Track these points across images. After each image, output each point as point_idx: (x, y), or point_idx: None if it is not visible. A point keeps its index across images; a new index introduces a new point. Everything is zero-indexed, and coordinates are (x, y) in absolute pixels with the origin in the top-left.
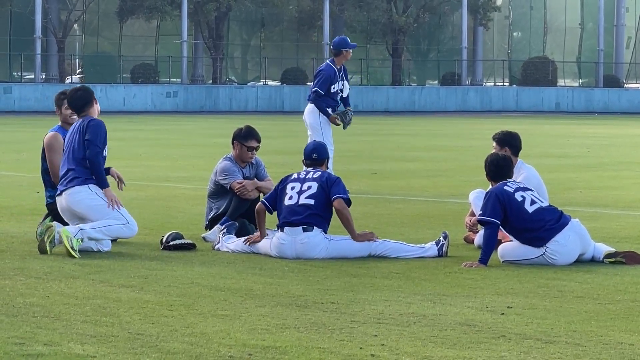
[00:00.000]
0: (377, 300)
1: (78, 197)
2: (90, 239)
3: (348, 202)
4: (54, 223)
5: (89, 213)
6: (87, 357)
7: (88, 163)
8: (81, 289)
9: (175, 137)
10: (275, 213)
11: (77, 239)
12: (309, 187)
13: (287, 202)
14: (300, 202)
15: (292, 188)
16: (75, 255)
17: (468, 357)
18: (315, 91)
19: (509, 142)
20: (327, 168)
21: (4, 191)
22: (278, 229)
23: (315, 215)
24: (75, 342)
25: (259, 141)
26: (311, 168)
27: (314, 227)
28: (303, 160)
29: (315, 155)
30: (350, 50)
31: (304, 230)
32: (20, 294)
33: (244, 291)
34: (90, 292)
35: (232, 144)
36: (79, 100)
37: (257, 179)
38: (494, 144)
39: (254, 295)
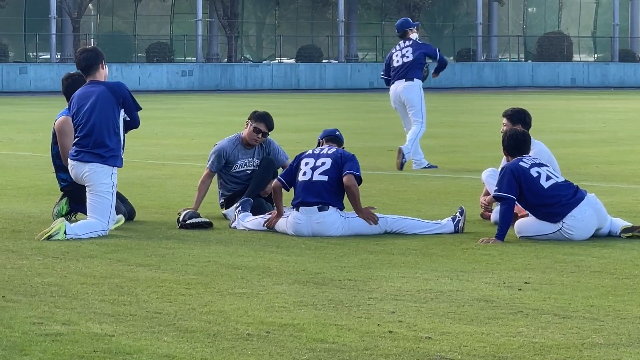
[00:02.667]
0: (395, 277)
1: (100, 178)
2: (73, 236)
3: (359, 180)
4: (64, 223)
5: (94, 197)
6: (105, 336)
7: (126, 131)
8: (98, 268)
9: (191, 116)
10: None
11: (61, 237)
12: (323, 163)
13: (301, 177)
14: (314, 179)
15: (306, 164)
16: (43, 238)
17: (486, 332)
18: (436, 52)
19: (522, 118)
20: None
21: (20, 171)
22: (293, 208)
23: (330, 192)
24: (93, 322)
25: (269, 129)
26: (327, 145)
27: (329, 206)
28: (319, 140)
29: (338, 132)
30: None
31: (320, 209)
32: (38, 273)
33: (261, 269)
34: (108, 272)
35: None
36: (84, 62)
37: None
38: (505, 120)
39: (272, 273)
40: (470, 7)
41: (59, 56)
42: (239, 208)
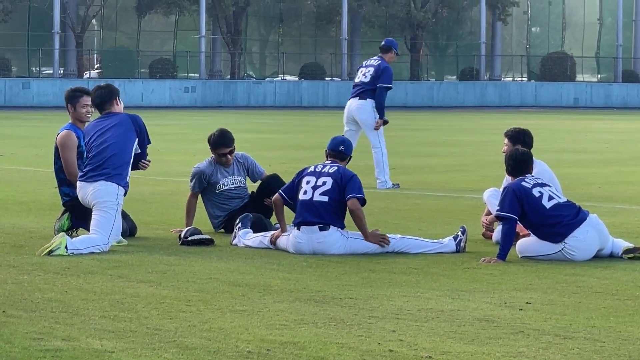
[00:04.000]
0: (396, 295)
1: (105, 195)
2: (74, 251)
3: (363, 202)
4: (66, 238)
5: (98, 212)
6: (105, 353)
7: (134, 165)
8: (99, 284)
9: (193, 132)
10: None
11: (62, 252)
12: (324, 183)
13: (301, 196)
14: (314, 199)
15: (307, 182)
16: (44, 253)
17: (486, 352)
18: (388, 87)
19: (522, 139)
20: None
21: (22, 186)
22: (294, 226)
23: (330, 213)
24: (93, 338)
25: (228, 146)
26: (329, 161)
27: (330, 226)
28: (326, 151)
29: (342, 147)
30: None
31: (321, 229)
32: (39, 289)
33: (262, 287)
34: (109, 288)
35: None
36: (98, 99)
37: (249, 174)
38: (506, 140)
39: (272, 290)
40: (474, 27)
41: (61, 71)
42: (239, 225)
